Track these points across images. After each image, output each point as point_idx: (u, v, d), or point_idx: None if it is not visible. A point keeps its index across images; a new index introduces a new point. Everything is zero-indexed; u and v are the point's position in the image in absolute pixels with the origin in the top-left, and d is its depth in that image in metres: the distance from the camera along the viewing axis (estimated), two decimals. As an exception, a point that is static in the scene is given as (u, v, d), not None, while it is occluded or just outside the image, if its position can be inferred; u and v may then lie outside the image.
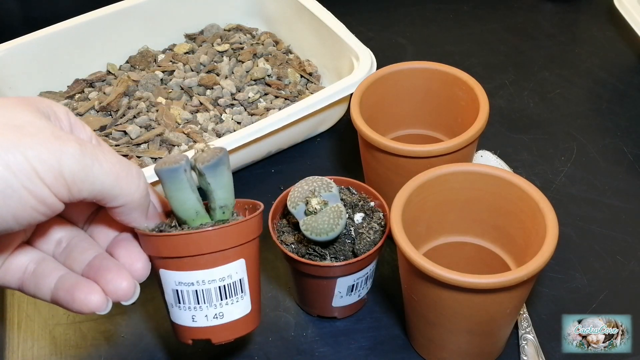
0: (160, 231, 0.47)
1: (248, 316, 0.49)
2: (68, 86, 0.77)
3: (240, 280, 0.48)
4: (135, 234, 0.47)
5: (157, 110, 0.71)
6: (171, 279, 0.47)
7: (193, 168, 0.46)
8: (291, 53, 0.80)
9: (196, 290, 0.47)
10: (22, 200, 0.37)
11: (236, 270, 0.48)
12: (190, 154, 0.48)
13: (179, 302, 0.48)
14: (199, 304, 0.48)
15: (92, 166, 0.39)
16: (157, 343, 0.58)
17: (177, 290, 0.47)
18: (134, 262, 0.45)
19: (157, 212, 0.47)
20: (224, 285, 0.48)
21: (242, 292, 0.48)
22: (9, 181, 0.36)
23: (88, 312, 0.43)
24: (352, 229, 0.55)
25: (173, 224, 0.47)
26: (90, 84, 0.77)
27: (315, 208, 0.52)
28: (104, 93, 0.75)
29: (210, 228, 0.45)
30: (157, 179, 0.47)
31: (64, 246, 0.46)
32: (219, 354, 0.57)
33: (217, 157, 0.45)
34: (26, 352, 0.58)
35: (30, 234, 0.45)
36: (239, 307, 0.49)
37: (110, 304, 0.44)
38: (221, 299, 0.48)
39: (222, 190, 0.46)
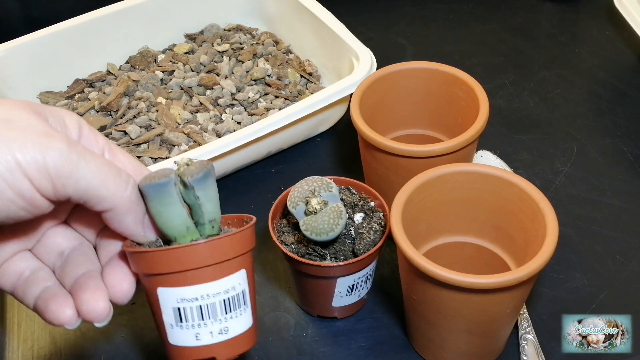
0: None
1: (250, 330, 0.47)
2: (68, 86, 0.77)
3: (242, 292, 0.46)
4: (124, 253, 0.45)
5: (157, 110, 0.71)
6: (172, 296, 0.45)
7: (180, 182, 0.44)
8: (291, 53, 0.80)
9: (200, 306, 0.45)
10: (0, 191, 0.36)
11: (239, 281, 0.46)
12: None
13: (181, 321, 0.45)
14: (203, 319, 0.46)
15: (78, 163, 0.38)
16: (157, 343, 0.58)
17: (179, 308, 0.45)
18: (119, 282, 0.44)
19: (151, 223, 0.45)
20: (229, 298, 0.46)
21: (244, 304, 0.47)
22: None
23: (58, 324, 0.42)
24: (352, 229, 0.55)
25: (165, 242, 0.45)
26: (90, 84, 0.77)
27: (315, 208, 0.52)
28: (104, 93, 0.75)
29: (217, 237, 0.44)
30: None
31: (65, 258, 0.46)
32: (219, 354, 0.57)
33: (206, 169, 0.44)
34: (26, 352, 0.58)
35: (35, 243, 0.45)
36: (242, 321, 0.47)
37: (79, 320, 0.43)
38: (226, 313, 0.46)
39: (211, 203, 0.45)
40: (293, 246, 0.55)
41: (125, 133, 0.69)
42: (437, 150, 0.56)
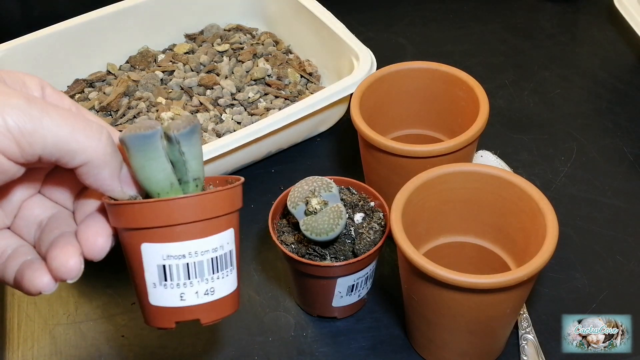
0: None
1: (234, 293, 0.45)
2: (68, 86, 0.77)
3: (230, 252, 0.44)
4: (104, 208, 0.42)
5: (157, 110, 0.71)
6: (158, 253, 0.42)
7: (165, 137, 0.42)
8: (291, 53, 0.80)
9: (187, 264, 0.43)
10: None
11: (227, 240, 0.44)
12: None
13: (166, 280, 0.43)
14: (189, 279, 0.43)
15: (41, 118, 0.36)
16: (157, 343, 0.58)
17: (164, 266, 0.42)
18: (93, 237, 0.41)
19: (131, 179, 0.42)
20: (217, 257, 0.44)
21: (231, 265, 0.45)
22: None
23: (35, 291, 0.40)
24: (352, 229, 0.55)
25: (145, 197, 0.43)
26: (90, 84, 0.77)
27: (315, 208, 0.52)
28: (104, 93, 0.75)
29: (205, 191, 0.42)
30: None
31: (42, 228, 0.43)
32: (219, 353, 0.57)
33: (192, 124, 0.41)
34: (26, 352, 0.58)
35: (12, 219, 0.43)
36: (228, 282, 0.45)
37: (56, 285, 0.40)
38: (213, 272, 0.44)
39: (196, 161, 0.43)
40: (293, 246, 0.55)
41: (125, 133, 0.69)
42: (437, 150, 0.56)
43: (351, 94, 0.63)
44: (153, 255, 0.42)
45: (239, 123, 0.71)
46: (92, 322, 0.60)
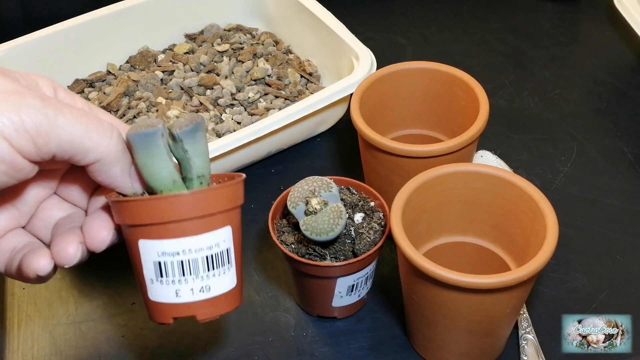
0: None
1: (234, 291, 0.45)
2: (68, 86, 0.77)
3: (227, 250, 0.44)
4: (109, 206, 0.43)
5: (157, 110, 0.71)
6: (153, 249, 0.43)
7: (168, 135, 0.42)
8: (291, 53, 0.80)
9: (182, 261, 0.43)
10: None
11: (223, 238, 0.44)
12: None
13: (161, 276, 0.43)
14: (184, 275, 0.43)
15: (56, 117, 0.37)
16: (157, 343, 0.58)
17: (159, 262, 0.43)
18: (96, 229, 0.42)
19: (139, 174, 0.43)
20: (212, 255, 0.44)
21: (228, 263, 0.45)
22: None
23: (32, 274, 0.41)
24: (352, 229, 0.55)
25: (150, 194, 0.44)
26: (90, 84, 0.77)
27: (315, 208, 0.52)
28: (104, 93, 0.75)
29: (201, 189, 0.43)
30: None
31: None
32: (219, 353, 0.57)
33: (196, 122, 0.42)
34: (26, 352, 0.58)
35: (28, 219, 0.44)
36: (225, 280, 0.45)
37: (52, 265, 0.41)
38: (208, 270, 0.44)
39: (200, 158, 0.43)
40: (293, 246, 0.55)
41: (125, 133, 0.69)
42: (437, 150, 0.56)
43: (351, 94, 0.63)
44: (149, 251, 0.43)
45: (239, 123, 0.71)
46: (92, 322, 0.60)
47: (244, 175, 0.45)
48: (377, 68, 0.66)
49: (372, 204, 0.57)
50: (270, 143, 0.68)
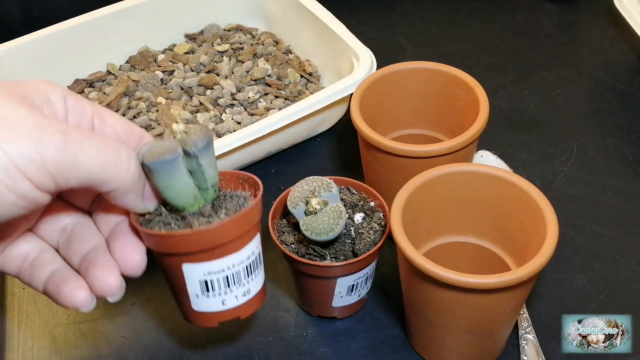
0: (164, 222, 0.45)
1: (264, 285, 0.49)
2: (68, 86, 0.77)
3: (259, 253, 0.48)
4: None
5: (157, 110, 0.71)
6: (199, 271, 0.45)
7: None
8: (291, 53, 0.80)
9: (227, 276, 0.46)
10: (1, 196, 0.36)
11: (256, 245, 0.47)
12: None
13: (207, 291, 0.46)
14: (229, 287, 0.46)
15: (77, 155, 0.37)
16: (157, 343, 0.58)
17: (206, 281, 0.46)
18: (130, 255, 0.44)
19: (152, 193, 0.44)
20: (250, 263, 0.47)
21: (260, 263, 0.48)
22: None
23: (72, 307, 0.42)
24: (352, 229, 0.55)
25: (169, 210, 0.45)
26: (90, 84, 0.77)
27: (315, 208, 0.52)
28: (104, 93, 0.75)
29: (241, 212, 0.44)
30: None
31: (68, 234, 0.45)
32: (219, 353, 0.57)
33: (207, 137, 0.43)
34: (26, 352, 0.58)
35: (35, 222, 0.45)
36: (259, 279, 0.48)
37: (94, 301, 0.43)
38: (248, 276, 0.47)
39: (212, 168, 0.45)
40: (293, 246, 0.55)
41: (125, 133, 0.69)
42: (437, 150, 0.56)
43: (351, 94, 0.63)
44: (195, 273, 0.45)
45: (239, 123, 0.71)
46: (92, 322, 0.60)
47: (258, 181, 0.47)
48: (377, 68, 0.66)
49: (372, 204, 0.57)
50: (270, 143, 0.68)
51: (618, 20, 0.80)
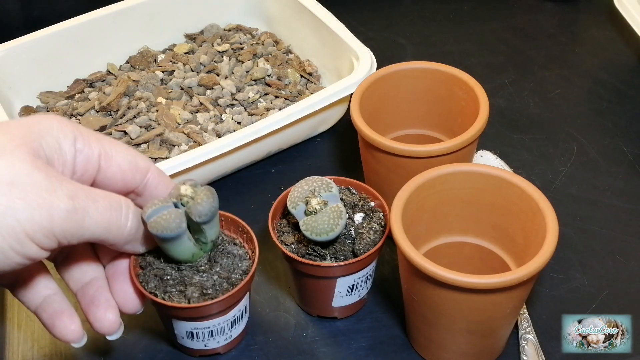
0: (157, 275, 0.49)
1: (246, 326, 0.55)
2: (68, 86, 0.77)
3: (245, 307, 0.52)
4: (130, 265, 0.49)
5: (157, 110, 0.71)
6: (187, 326, 0.50)
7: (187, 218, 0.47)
8: (291, 53, 0.80)
9: (212, 330, 0.51)
10: (8, 258, 0.38)
11: (245, 304, 0.52)
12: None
13: (192, 338, 0.52)
14: (212, 337, 0.52)
15: (83, 220, 0.40)
16: (157, 343, 0.58)
17: (192, 332, 0.51)
18: (130, 300, 0.48)
19: (148, 237, 0.47)
20: (235, 319, 0.52)
21: (245, 313, 0.53)
22: None
23: (64, 342, 0.46)
24: (352, 229, 0.55)
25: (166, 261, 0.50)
26: (90, 84, 0.77)
27: (315, 208, 0.52)
28: (104, 93, 0.75)
29: (231, 291, 0.48)
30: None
31: (66, 255, 0.48)
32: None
33: (213, 207, 0.46)
34: (26, 352, 0.58)
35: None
36: (242, 325, 0.54)
37: (85, 338, 0.46)
38: (231, 328, 0.53)
39: (214, 229, 0.48)
40: (293, 246, 0.55)
41: (125, 133, 0.69)
42: (437, 150, 0.56)
43: (351, 94, 0.63)
44: (182, 326, 0.51)
45: (239, 123, 0.71)
46: (92, 322, 0.60)
47: (252, 232, 0.53)
48: (377, 68, 0.66)
49: (372, 204, 0.57)
50: (270, 143, 0.68)
51: (618, 20, 0.80)
